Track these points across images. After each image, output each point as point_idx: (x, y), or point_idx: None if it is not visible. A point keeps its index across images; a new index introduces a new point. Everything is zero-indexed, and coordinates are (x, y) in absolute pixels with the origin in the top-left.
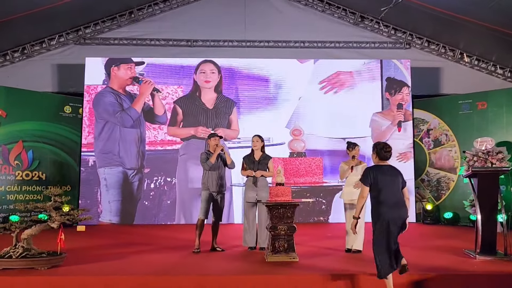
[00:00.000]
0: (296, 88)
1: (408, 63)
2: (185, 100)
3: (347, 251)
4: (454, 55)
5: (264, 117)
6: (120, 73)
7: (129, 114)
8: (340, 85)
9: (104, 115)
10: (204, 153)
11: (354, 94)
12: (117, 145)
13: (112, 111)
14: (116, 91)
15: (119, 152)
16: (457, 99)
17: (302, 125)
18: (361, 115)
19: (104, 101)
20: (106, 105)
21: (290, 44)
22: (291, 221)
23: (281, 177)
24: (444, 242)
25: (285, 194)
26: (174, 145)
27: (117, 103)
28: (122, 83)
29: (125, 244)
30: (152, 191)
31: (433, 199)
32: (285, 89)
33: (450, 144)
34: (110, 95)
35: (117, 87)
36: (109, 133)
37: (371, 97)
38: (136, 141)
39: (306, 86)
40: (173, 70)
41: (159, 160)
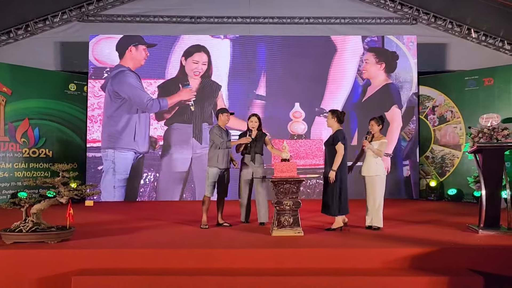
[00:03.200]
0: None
1: (413, 39)
2: (168, 84)
3: (367, 228)
4: (461, 30)
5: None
6: (138, 54)
7: (160, 103)
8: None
9: (129, 94)
10: (217, 128)
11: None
12: (134, 128)
13: (138, 93)
14: (135, 72)
15: (135, 136)
16: (464, 76)
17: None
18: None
19: (129, 81)
20: (132, 86)
21: (294, 21)
22: (296, 196)
23: (287, 153)
24: (447, 217)
25: (290, 169)
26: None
27: (140, 85)
28: (136, 64)
29: (133, 219)
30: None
31: (437, 176)
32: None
33: (455, 121)
34: (133, 75)
35: (132, 67)
36: (123, 114)
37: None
38: (148, 125)
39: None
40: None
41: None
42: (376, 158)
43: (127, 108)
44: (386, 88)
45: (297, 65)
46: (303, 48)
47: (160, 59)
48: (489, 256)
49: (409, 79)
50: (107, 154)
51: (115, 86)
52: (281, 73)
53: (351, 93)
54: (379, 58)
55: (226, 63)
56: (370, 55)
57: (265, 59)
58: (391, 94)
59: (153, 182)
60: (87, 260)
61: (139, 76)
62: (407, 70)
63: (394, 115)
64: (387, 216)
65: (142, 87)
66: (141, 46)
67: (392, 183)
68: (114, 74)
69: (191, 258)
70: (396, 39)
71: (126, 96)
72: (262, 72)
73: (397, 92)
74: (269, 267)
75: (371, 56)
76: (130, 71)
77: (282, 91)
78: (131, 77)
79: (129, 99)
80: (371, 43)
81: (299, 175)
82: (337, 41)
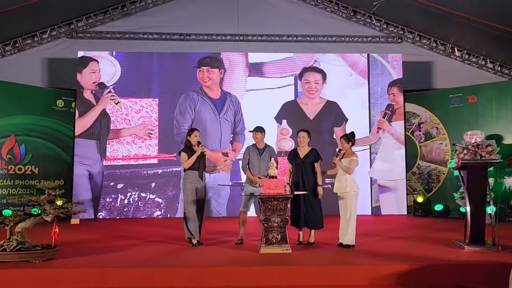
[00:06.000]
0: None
1: (398, 58)
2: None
3: (339, 245)
4: (445, 49)
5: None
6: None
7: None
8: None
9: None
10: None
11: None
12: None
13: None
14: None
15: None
16: (448, 93)
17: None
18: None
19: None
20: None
21: (283, 38)
22: (283, 213)
23: (274, 170)
24: (434, 233)
25: (278, 187)
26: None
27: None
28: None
29: (119, 237)
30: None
31: (424, 192)
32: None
33: (440, 137)
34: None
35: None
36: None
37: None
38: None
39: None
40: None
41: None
42: (345, 175)
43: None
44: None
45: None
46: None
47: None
48: (474, 272)
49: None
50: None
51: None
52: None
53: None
54: (324, 78)
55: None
56: (318, 75)
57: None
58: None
59: (137, 202)
60: (72, 279)
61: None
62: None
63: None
64: (375, 232)
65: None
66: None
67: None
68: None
69: (178, 277)
70: (381, 58)
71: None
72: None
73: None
74: (258, 284)
75: (320, 77)
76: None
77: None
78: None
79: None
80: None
81: (286, 192)
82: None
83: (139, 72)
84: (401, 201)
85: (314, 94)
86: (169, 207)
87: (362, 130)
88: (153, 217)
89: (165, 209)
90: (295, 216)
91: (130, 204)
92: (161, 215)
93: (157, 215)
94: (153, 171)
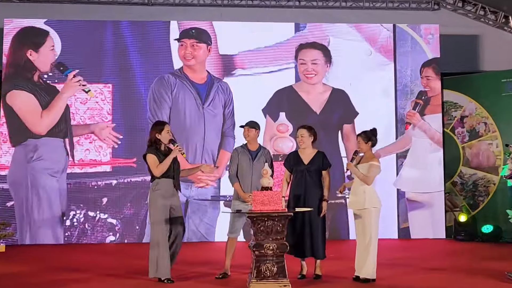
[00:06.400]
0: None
1: (434, 30)
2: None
3: (355, 280)
4: (497, 18)
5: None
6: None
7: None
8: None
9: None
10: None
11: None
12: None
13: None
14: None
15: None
16: (500, 77)
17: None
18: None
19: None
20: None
21: (281, 3)
22: (281, 237)
23: (268, 179)
24: (481, 263)
25: (273, 201)
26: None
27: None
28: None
29: (58, 269)
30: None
31: (468, 208)
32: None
33: (490, 136)
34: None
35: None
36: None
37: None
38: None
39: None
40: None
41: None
42: (362, 185)
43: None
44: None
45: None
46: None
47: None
48: None
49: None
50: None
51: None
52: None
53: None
54: (326, 57)
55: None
56: (317, 53)
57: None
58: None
59: (83, 223)
60: None
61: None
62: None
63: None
64: (403, 261)
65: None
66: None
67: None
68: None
69: None
70: (411, 30)
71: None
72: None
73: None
74: None
75: (319, 55)
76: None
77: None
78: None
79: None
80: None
81: (285, 209)
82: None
83: (86, 48)
84: (437, 220)
85: (312, 78)
86: (127, 230)
87: (385, 128)
88: (104, 243)
89: (121, 233)
90: (296, 241)
91: (74, 226)
92: (116, 240)
93: (111, 241)
94: (105, 182)
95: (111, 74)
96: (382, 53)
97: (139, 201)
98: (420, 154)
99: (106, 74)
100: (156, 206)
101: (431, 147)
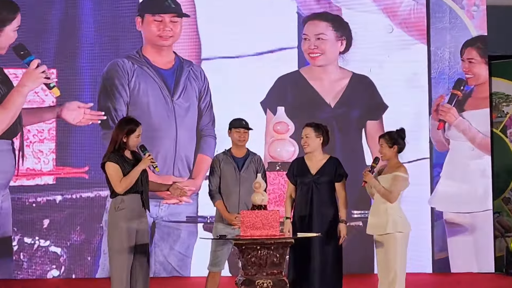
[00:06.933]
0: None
1: (479, 1)
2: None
3: None
4: None
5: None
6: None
7: None
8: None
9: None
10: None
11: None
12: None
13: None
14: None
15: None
16: None
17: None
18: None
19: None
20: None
21: None
22: (279, 271)
23: (261, 195)
24: None
25: (268, 224)
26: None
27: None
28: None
29: None
30: None
31: None
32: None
33: None
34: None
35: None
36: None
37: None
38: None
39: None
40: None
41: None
42: (385, 203)
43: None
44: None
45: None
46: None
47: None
48: None
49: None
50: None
51: None
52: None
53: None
54: (340, 31)
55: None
56: (325, 26)
57: None
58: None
59: (18, 252)
60: None
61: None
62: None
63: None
64: None
65: None
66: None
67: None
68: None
69: None
70: (450, 0)
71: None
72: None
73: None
74: None
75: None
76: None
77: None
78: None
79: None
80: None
81: (284, 234)
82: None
83: (21, 25)
84: (484, 249)
85: (317, 59)
86: (75, 261)
87: (414, 128)
88: (45, 278)
89: (68, 266)
90: (300, 274)
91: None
92: (61, 275)
93: (53, 276)
94: (46, 199)
95: (53, 57)
96: (406, 30)
97: (92, 224)
98: (460, 163)
99: (48, 57)
100: (119, 230)
101: (473, 153)
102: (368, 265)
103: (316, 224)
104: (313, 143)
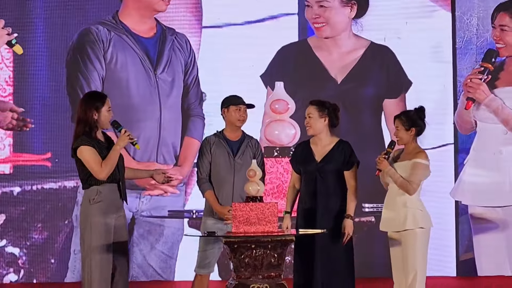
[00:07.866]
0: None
1: None
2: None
3: None
4: None
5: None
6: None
7: None
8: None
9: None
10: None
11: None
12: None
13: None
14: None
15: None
16: None
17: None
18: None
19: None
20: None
21: None
22: (278, 273)
23: (257, 185)
24: None
25: (265, 218)
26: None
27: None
28: None
29: None
30: None
31: None
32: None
33: None
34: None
35: None
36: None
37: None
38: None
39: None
40: None
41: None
42: (402, 195)
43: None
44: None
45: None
46: None
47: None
48: None
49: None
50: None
51: None
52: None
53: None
54: None
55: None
56: None
57: None
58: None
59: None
60: None
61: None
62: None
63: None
64: None
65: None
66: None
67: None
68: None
69: None
70: None
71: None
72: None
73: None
74: None
75: None
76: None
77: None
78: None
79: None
80: None
81: (282, 230)
82: None
83: None
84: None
85: (321, 29)
86: (36, 264)
87: (436, 107)
88: (1, 283)
89: (28, 269)
90: (303, 278)
91: None
92: (20, 279)
93: (11, 281)
94: (2, 191)
95: (14, 22)
96: None
97: (55, 220)
98: (489, 148)
99: (6, 22)
100: (95, 226)
101: (505, 137)
102: (381, 267)
103: (320, 220)
104: (316, 125)
